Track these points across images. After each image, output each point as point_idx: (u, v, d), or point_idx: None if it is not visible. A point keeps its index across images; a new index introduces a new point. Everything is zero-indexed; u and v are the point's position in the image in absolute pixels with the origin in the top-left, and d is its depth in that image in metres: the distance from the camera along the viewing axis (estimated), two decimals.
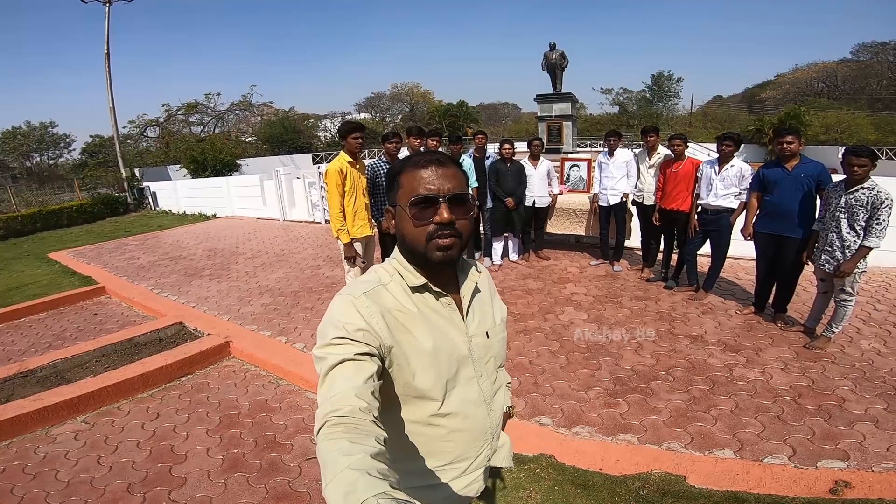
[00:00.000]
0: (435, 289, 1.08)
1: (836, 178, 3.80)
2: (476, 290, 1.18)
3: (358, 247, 4.24)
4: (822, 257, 3.61)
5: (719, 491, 2.41)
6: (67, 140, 35.34)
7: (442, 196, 1.00)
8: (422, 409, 1.07)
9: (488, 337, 1.17)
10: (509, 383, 1.40)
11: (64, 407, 3.52)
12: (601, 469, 2.61)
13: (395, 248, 1.12)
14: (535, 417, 3.08)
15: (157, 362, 4.02)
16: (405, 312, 1.04)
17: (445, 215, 0.99)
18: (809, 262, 3.83)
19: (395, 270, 1.08)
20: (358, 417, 0.82)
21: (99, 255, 9.15)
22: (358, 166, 4.21)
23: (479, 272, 1.22)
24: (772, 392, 3.23)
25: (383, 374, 0.99)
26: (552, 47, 14.79)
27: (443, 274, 1.10)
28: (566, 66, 15.04)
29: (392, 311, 1.02)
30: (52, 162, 34.98)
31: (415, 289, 1.07)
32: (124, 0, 19.07)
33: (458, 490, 1.15)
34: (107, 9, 18.47)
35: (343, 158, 4.11)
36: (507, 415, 1.30)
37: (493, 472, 2.57)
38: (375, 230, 4.53)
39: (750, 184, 4.30)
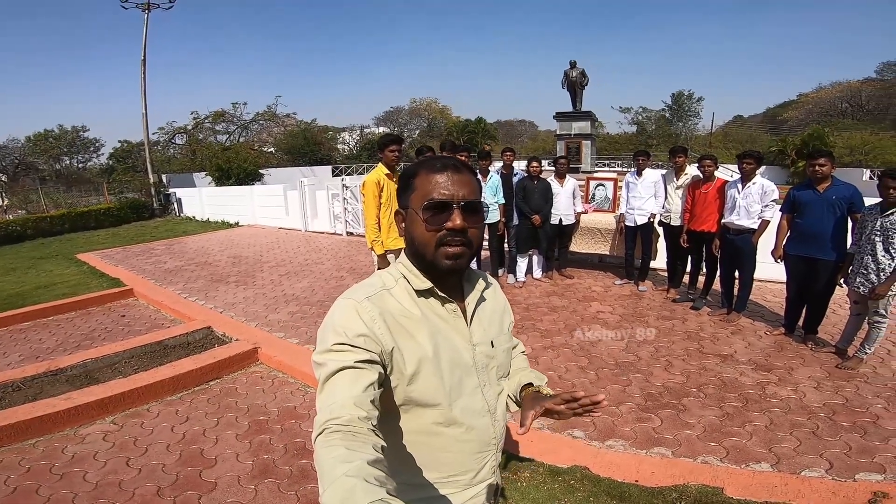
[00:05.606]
0: (441, 294, 1.05)
1: (869, 201, 3.80)
2: (481, 300, 1.15)
3: (391, 259, 4.29)
4: (857, 280, 3.60)
5: (758, 502, 2.43)
6: (97, 144, 35.91)
7: (456, 202, 0.98)
8: (424, 417, 1.03)
9: (493, 346, 1.14)
10: (524, 351, 1.36)
11: (94, 407, 3.50)
12: (637, 481, 2.61)
13: (402, 252, 1.11)
14: (567, 430, 3.09)
15: (187, 366, 4.03)
16: (409, 317, 1.01)
17: (458, 222, 0.98)
18: (844, 285, 3.82)
19: (401, 274, 1.06)
20: (356, 426, 0.81)
21: (126, 258, 9.36)
22: (395, 178, 4.29)
23: (488, 283, 1.20)
24: (806, 409, 3.23)
25: (385, 381, 0.97)
26: (572, 65, 14.95)
27: (448, 281, 1.07)
28: (586, 85, 15.17)
29: (395, 315, 1.00)
30: (80, 165, 35.46)
31: (420, 293, 1.04)
32: (162, 7, 19.55)
33: None
34: (146, 15, 18.95)
35: (381, 170, 4.20)
36: (536, 391, 1.15)
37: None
38: None
39: (781, 206, 4.29)
